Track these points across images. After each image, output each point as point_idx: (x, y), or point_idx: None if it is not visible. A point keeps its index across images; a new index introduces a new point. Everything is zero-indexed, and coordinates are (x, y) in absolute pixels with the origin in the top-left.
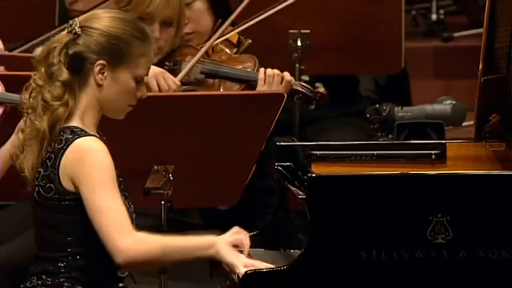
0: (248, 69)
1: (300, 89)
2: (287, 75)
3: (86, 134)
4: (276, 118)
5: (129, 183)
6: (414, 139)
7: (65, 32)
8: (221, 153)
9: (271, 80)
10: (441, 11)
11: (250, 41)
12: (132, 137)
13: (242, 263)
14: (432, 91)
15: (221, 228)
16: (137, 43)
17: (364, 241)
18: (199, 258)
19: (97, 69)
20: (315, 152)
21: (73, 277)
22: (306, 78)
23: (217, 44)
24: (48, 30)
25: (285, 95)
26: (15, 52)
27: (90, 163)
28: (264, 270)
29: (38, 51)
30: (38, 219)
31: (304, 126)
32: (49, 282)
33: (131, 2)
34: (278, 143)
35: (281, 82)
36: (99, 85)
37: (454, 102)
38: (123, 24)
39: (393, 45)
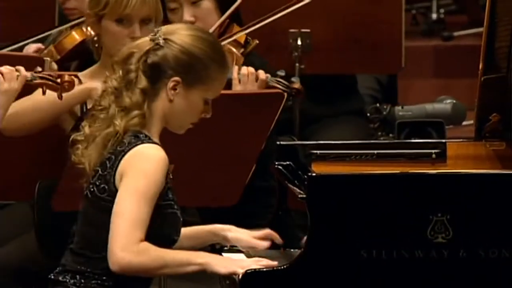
0: None
1: (276, 85)
2: (261, 73)
3: (150, 141)
4: (276, 117)
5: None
6: (414, 138)
7: (147, 39)
8: (221, 153)
9: (245, 79)
10: (441, 10)
11: (257, 41)
12: None
13: (239, 267)
14: (432, 90)
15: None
16: (215, 67)
17: (364, 240)
18: (191, 271)
19: (171, 84)
20: (315, 151)
21: (106, 286)
22: (282, 73)
23: (224, 44)
24: (48, 30)
25: (285, 94)
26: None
27: (141, 170)
28: (264, 269)
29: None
30: (84, 215)
31: (304, 125)
32: (82, 285)
33: (107, 5)
34: (278, 142)
35: (256, 80)
36: (170, 101)
37: (454, 101)
38: (205, 45)
39: (393, 44)
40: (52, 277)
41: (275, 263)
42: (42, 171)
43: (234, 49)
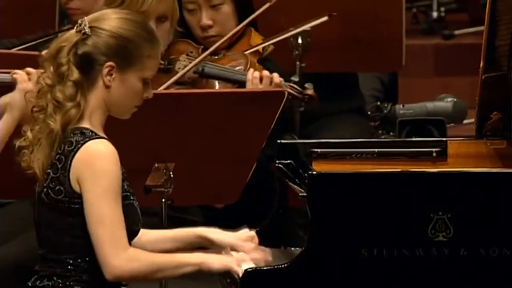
0: (239, 68)
1: (290, 90)
2: (276, 76)
3: (97, 136)
4: (277, 116)
5: (130, 181)
6: (415, 136)
7: (73, 31)
8: (222, 151)
9: (257, 81)
10: (442, 9)
11: (273, 47)
12: (133, 135)
13: (235, 262)
14: (432, 88)
15: (222, 225)
16: (146, 45)
17: (365, 239)
18: (189, 271)
19: (105, 70)
20: (316, 149)
21: (83, 280)
22: (295, 79)
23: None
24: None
25: (286, 93)
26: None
27: (99, 170)
28: (265, 268)
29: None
30: (44, 220)
31: (304, 124)
32: (60, 285)
33: (123, 2)
34: (278, 141)
35: (270, 84)
36: (107, 87)
37: (455, 99)
38: (132, 26)
39: (394, 43)
40: (30, 284)
41: (269, 258)
42: None
43: (252, 58)
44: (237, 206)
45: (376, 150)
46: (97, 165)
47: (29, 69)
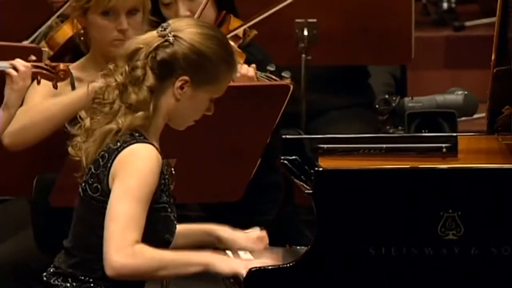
0: None
1: (266, 81)
2: (250, 70)
3: (145, 140)
4: (282, 110)
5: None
6: (425, 129)
7: (155, 34)
8: (225, 147)
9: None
10: (453, 0)
11: (256, 32)
12: None
13: (244, 267)
14: (442, 81)
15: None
16: (225, 67)
17: (372, 237)
18: (193, 271)
19: (179, 84)
20: (322, 145)
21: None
22: (272, 68)
23: None
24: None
25: (291, 86)
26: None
27: (132, 168)
28: (270, 267)
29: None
30: (77, 213)
31: (310, 118)
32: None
33: None
34: (283, 136)
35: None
36: (177, 100)
37: (466, 92)
38: (215, 44)
39: (403, 35)
40: (45, 278)
41: (280, 261)
42: (39, 166)
43: (232, 42)
44: (241, 204)
45: (384, 145)
46: (132, 164)
47: (20, 64)
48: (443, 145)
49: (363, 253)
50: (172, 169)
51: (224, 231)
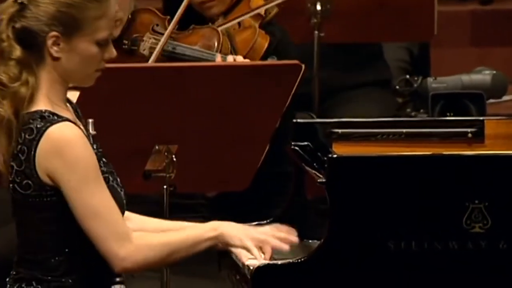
0: (210, 47)
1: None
2: (239, 58)
3: (58, 119)
4: (293, 92)
5: (127, 165)
6: (450, 112)
7: (11, 1)
8: (231, 132)
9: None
10: None
11: (277, 9)
12: (130, 114)
13: (256, 241)
14: (468, 60)
15: (230, 216)
16: (92, 5)
17: (391, 230)
18: (207, 248)
19: (50, 42)
20: (336, 130)
21: (65, 285)
22: (273, 59)
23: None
24: None
25: (303, 66)
26: None
27: (70, 159)
28: (279, 263)
29: None
30: (18, 217)
31: (323, 100)
32: None
33: None
34: (294, 120)
35: None
36: (56, 58)
37: (494, 72)
38: None
39: (425, 9)
40: (8, 285)
41: (295, 238)
42: None
43: (253, 22)
44: (248, 194)
45: (404, 130)
46: (67, 154)
47: None
48: (469, 129)
49: (381, 247)
50: (173, 156)
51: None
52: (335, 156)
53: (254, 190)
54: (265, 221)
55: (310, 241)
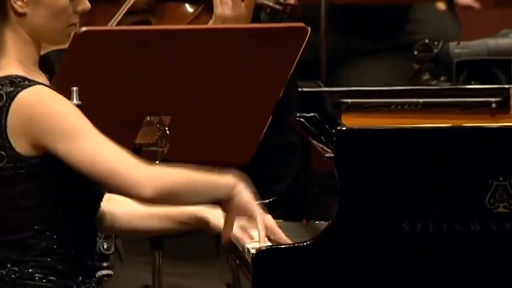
0: None
1: (267, 2)
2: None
3: (30, 83)
4: (298, 57)
5: (115, 138)
6: (476, 81)
7: None
8: (230, 101)
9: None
10: None
11: None
12: (119, 81)
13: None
14: (492, 22)
15: None
16: None
17: (406, 210)
18: (220, 195)
19: None
20: (346, 99)
21: (44, 265)
22: None
23: None
24: None
25: (309, 28)
26: None
27: (48, 113)
28: (282, 246)
29: None
30: None
31: (332, 67)
32: (16, 273)
33: None
34: (300, 89)
35: (242, 0)
36: (22, 14)
37: None
38: None
39: None
40: None
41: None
42: None
43: None
44: (248, 170)
45: (420, 100)
46: (41, 111)
47: None
48: (493, 99)
49: (395, 229)
50: (166, 128)
51: (214, 214)
52: (344, 128)
53: (256, 165)
54: (267, 200)
55: (316, 222)
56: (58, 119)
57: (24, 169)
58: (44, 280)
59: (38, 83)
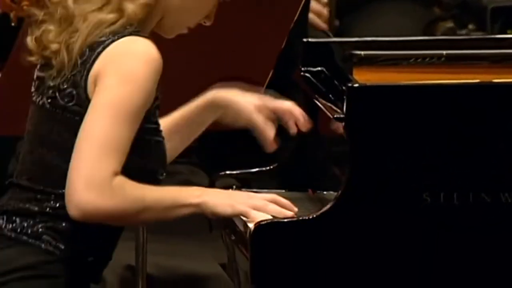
0: None
1: None
2: None
3: (141, 34)
4: (303, 1)
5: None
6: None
7: None
8: (224, 53)
9: None
10: None
11: None
12: None
13: (250, 206)
14: None
15: (225, 162)
16: None
17: (427, 179)
18: (182, 214)
19: None
20: (357, 52)
21: (58, 229)
22: None
23: None
24: None
25: None
26: None
27: (125, 69)
28: (285, 220)
29: None
30: (37, 133)
31: (342, 14)
32: (24, 229)
33: None
34: (305, 40)
35: None
36: None
37: None
38: None
39: None
40: None
41: (292, 211)
42: None
43: None
44: (246, 133)
45: (444, 52)
46: (125, 64)
47: None
48: None
49: (415, 201)
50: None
51: (233, 95)
52: (356, 85)
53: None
54: (267, 168)
55: (324, 192)
56: (117, 81)
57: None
58: (50, 244)
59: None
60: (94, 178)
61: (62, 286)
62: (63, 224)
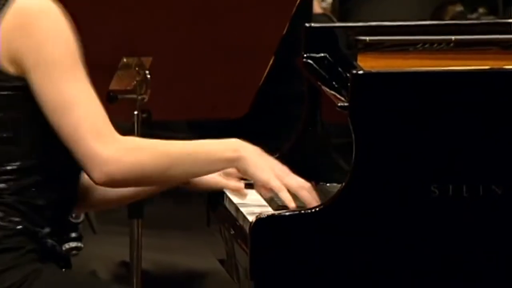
0: None
1: None
2: None
3: None
4: None
5: None
6: None
7: None
8: (223, 39)
9: None
10: None
11: None
12: (89, 17)
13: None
14: None
15: None
16: None
17: (435, 170)
18: (216, 170)
19: None
20: (362, 37)
21: (8, 203)
22: None
23: None
24: None
25: None
26: None
27: (40, 32)
28: (287, 213)
29: None
30: None
31: None
32: None
33: None
34: (307, 25)
35: None
36: None
37: None
38: None
39: None
40: None
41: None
42: None
43: None
44: (245, 123)
45: (452, 37)
46: (35, 26)
47: None
48: None
49: (422, 193)
50: (147, 72)
51: None
52: (360, 72)
53: (255, 116)
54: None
55: (327, 184)
56: (45, 43)
57: (10, 90)
58: (3, 220)
59: None
60: (105, 136)
61: (30, 259)
62: (11, 198)
